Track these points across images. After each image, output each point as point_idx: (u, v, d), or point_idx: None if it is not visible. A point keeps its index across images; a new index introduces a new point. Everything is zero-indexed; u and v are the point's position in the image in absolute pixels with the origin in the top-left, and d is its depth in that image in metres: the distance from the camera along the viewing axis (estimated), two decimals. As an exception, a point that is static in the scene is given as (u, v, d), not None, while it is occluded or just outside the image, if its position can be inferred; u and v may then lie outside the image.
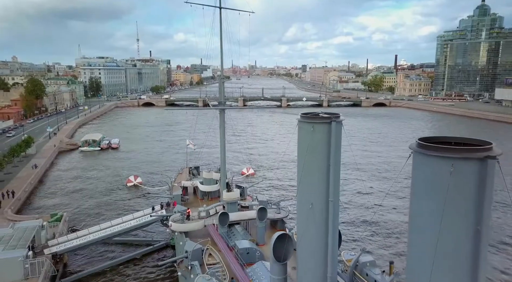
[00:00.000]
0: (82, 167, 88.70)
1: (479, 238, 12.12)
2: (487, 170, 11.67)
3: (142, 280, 41.04)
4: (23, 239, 41.06)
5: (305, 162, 20.95)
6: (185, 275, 32.90)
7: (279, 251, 23.79)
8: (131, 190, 70.70)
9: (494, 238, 47.96)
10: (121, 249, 47.62)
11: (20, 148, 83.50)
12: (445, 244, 12.35)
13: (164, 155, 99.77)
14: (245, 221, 40.69)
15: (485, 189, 11.79)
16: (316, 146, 20.47)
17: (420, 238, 13.46)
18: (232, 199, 40.49)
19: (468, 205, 12.00)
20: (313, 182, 20.92)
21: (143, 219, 45.11)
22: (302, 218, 21.84)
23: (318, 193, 20.88)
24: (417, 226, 13.70)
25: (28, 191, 66.48)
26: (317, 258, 21.50)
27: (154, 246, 47.14)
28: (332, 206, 20.94)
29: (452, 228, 12.24)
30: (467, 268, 12.33)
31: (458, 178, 11.86)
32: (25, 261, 37.29)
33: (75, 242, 42.69)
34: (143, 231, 50.73)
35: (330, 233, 21.14)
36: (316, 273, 21.38)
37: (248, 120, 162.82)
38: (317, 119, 20.57)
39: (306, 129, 20.69)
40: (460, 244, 12.29)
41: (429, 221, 12.83)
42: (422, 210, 13.19)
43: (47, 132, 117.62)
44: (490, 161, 11.63)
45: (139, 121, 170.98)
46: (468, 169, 11.80)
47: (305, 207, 21.41)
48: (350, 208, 59.96)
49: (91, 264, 43.81)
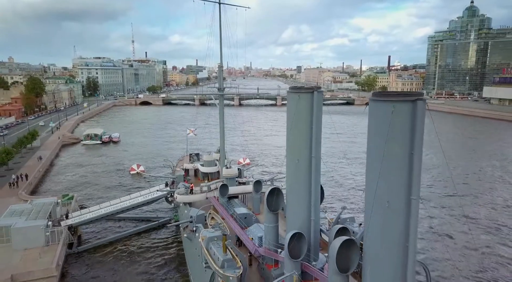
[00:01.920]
0: (86, 157, 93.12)
1: (412, 160, 16.83)
2: (417, 108, 16.42)
3: (148, 248, 45.49)
4: (42, 212, 45.55)
5: (292, 124, 25.77)
6: (190, 237, 37.45)
7: (271, 201, 28.54)
8: (135, 177, 75.02)
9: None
10: (129, 225, 52.04)
11: (27, 139, 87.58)
12: (387, 166, 17.07)
13: (164, 148, 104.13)
14: (242, 194, 45.27)
15: (416, 123, 16.50)
16: (302, 111, 25.30)
17: (372, 169, 18.12)
18: (231, 174, 45.12)
19: (405, 136, 16.71)
20: (299, 141, 25.71)
21: (149, 195, 49.61)
22: (290, 172, 26.61)
23: (303, 150, 25.68)
24: (370, 162, 18.35)
25: (37, 177, 70.70)
26: (302, 204, 26.25)
27: (159, 221, 51.66)
28: (314, 161, 25.74)
29: (393, 153, 16.96)
30: (404, 183, 17.03)
31: (397, 115, 16.60)
32: (46, 229, 41.72)
33: (88, 216, 47.17)
34: (148, 209, 55.33)
35: (313, 183, 25.92)
36: (302, 216, 26.12)
37: (244, 118, 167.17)
38: (302, 90, 25.41)
39: (293, 98, 25.51)
40: (398, 166, 16.98)
41: (377, 154, 17.54)
42: (373, 146, 17.91)
43: (50, 127, 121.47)
44: (419, 102, 16.39)
45: (137, 118, 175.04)
46: (404, 108, 16.54)
47: (293, 162, 26.21)
48: (336, 181, 66.49)
49: (102, 236, 48.20)
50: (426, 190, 64.71)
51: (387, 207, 17.39)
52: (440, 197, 62.52)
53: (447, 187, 66.59)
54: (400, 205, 17.20)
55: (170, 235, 49.04)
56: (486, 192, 65.85)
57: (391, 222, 17.51)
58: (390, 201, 17.31)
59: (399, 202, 17.18)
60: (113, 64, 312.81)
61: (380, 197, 17.50)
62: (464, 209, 55.33)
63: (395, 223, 17.39)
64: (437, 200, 60.86)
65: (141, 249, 45.26)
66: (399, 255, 17.56)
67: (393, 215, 17.37)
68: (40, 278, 36.32)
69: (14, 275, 35.49)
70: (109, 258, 42.89)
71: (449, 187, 66.02)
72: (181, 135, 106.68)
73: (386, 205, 17.38)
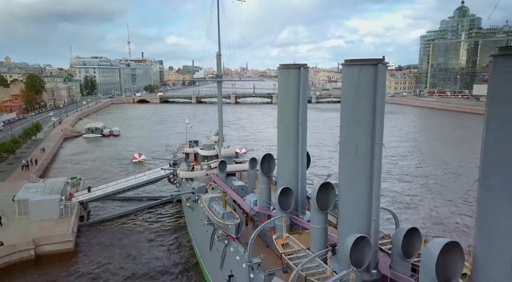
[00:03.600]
0: (88, 148, 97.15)
1: (375, 112, 21.17)
2: (378, 70, 20.75)
3: (152, 221, 49.65)
4: (55, 188, 49.55)
5: (282, 97, 30.17)
6: (192, 206, 41.68)
7: (264, 166, 32.89)
8: (137, 165, 79.07)
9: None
10: (134, 204, 56.07)
11: (31, 131, 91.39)
12: (355, 117, 21.38)
13: (162, 140, 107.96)
14: (239, 171, 49.45)
15: (377, 82, 20.83)
16: (290, 84, 29.66)
17: (344, 122, 22.39)
18: (229, 154, 49.33)
19: (369, 92, 21.01)
20: (288, 110, 30.04)
21: (153, 175, 53.77)
22: (281, 137, 30.93)
23: (292, 119, 30.04)
24: (343, 116, 22.60)
25: (44, 164, 74.58)
26: (291, 167, 30.57)
27: (162, 199, 55.75)
28: (301, 128, 30.11)
29: (360, 107, 21.27)
30: (369, 131, 21.33)
31: (363, 76, 20.92)
32: (60, 203, 45.75)
33: (97, 193, 51.34)
34: (151, 189, 59.46)
35: (300, 147, 30.26)
36: (290, 175, 30.44)
37: (240, 115, 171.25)
38: (290, 66, 29.76)
39: (283, 73, 29.91)
40: (364, 117, 21.29)
41: (348, 109, 21.84)
42: (345, 102, 22.21)
43: (52, 121, 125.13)
44: (380, 65, 20.74)
45: (136, 115, 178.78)
46: (368, 70, 20.86)
47: (282, 129, 30.54)
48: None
49: (110, 212, 52.25)
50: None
51: (355, 152, 21.70)
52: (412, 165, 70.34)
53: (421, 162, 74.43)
54: (366, 149, 21.52)
55: (173, 212, 53.13)
56: (444, 159, 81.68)
57: (359, 164, 21.81)
58: (358, 147, 21.63)
59: (365, 147, 21.50)
60: (111, 63, 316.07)
61: (350, 143, 21.82)
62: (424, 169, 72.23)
63: (362, 165, 21.70)
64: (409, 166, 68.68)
65: (146, 222, 49.40)
66: (366, 190, 21.85)
67: (360, 158, 21.68)
68: (58, 242, 40.45)
69: (35, 239, 39.56)
70: (117, 229, 47.05)
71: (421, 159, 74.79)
72: (179, 130, 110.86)
73: (355, 150, 21.69)
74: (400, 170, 73.04)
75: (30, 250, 38.86)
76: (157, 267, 37.69)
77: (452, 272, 16.61)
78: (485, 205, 13.79)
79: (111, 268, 37.39)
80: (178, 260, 39.40)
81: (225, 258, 29.79)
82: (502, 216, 12.88)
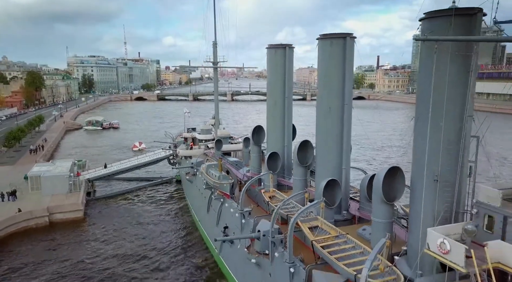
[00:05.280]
0: (90, 139, 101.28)
1: (345, 77, 25.55)
2: (347, 42, 25.14)
3: (153, 197, 53.91)
4: (64, 167, 53.58)
5: (270, 74, 34.61)
6: (191, 179, 45.95)
7: (254, 136, 37.34)
8: (137, 153, 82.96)
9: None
10: (136, 183, 60.20)
11: (35, 121, 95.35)
12: (329, 82, 25.76)
13: (161, 132, 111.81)
14: (234, 151, 53.72)
15: (346, 52, 25.22)
16: (277, 63, 34.11)
17: (320, 87, 26.79)
18: (224, 134, 53.63)
19: (339, 61, 25.40)
20: (276, 86, 34.46)
21: (154, 155, 58.01)
22: (269, 110, 35.37)
23: (279, 93, 34.47)
24: (320, 82, 27.01)
25: (50, 151, 78.56)
26: (278, 136, 35.00)
27: (163, 179, 59.95)
28: (287, 101, 34.52)
29: (332, 73, 25.64)
30: (340, 93, 25.70)
31: (334, 48, 25.32)
32: (69, 179, 49.84)
33: (103, 171, 55.48)
34: (153, 171, 63.63)
35: (286, 118, 34.69)
36: (277, 142, 34.90)
37: (236, 111, 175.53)
38: (277, 46, 34.19)
39: (270, 52, 34.36)
40: (336, 81, 25.66)
41: (322, 76, 26.23)
42: (320, 71, 26.59)
43: (53, 115, 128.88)
44: (348, 38, 25.14)
45: (134, 111, 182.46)
46: (339, 43, 25.23)
47: (271, 103, 34.95)
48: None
49: (114, 190, 56.40)
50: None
51: (329, 111, 26.07)
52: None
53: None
54: (338, 109, 25.92)
55: (172, 190, 57.31)
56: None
57: (332, 121, 26.17)
58: (331, 107, 26.02)
59: (337, 106, 25.89)
60: (108, 62, 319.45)
61: (324, 104, 26.21)
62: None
63: (335, 121, 26.08)
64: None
65: (148, 198, 53.69)
66: (338, 143, 26.24)
67: (333, 116, 26.06)
68: (69, 211, 44.61)
69: (49, 207, 43.75)
70: (122, 202, 51.35)
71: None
72: (176, 124, 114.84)
73: (328, 109, 26.06)
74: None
75: (44, 217, 43.02)
76: (159, 231, 41.92)
77: (396, 191, 20.93)
78: (416, 137, 18.25)
79: (118, 233, 41.55)
80: (178, 227, 43.66)
81: (221, 215, 34.05)
82: (423, 142, 17.35)
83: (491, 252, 13.65)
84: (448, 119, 16.69)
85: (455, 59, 16.24)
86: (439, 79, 16.64)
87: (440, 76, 16.56)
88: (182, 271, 33.58)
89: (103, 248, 37.88)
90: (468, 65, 16.51)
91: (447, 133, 16.70)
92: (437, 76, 16.56)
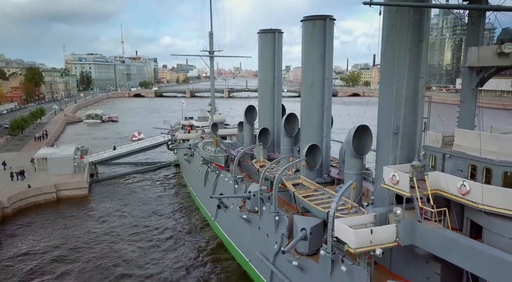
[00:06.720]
0: (90, 130, 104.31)
1: (325, 55, 28.84)
2: (327, 24, 28.45)
3: (153, 177, 57.14)
4: (68, 150, 56.64)
5: (261, 56, 37.88)
6: (189, 159, 49.20)
7: (246, 115, 40.62)
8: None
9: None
10: (137, 166, 63.31)
11: (37, 113, 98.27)
12: (311, 59, 29.05)
13: (159, 124, 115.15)
14: (229, 135, 56.93)
15: (326, 33, 28.53)
16: (268, 47, 37.43)
17: (305, 64, 30.05)
18: (220, 119, 56.82)
19: (320, 41, 28.69)
20: (266, 68, 37.74)
21: (154, 140, 61.20)
22: (261, 90, 38.67)
23: (269, 74, 37.76)
24: (303, 61, 30.24)
25: (52, 139, 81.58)
26: (269, 113, 38.28)
27: (162, 163, 63.15)
28: (276, 81, 37.84)
29: (314, 52, 28.93)
30: (321, 69, 29.00)
31: (316, 29, 28.62)
32: (74, 160, 52.94)
33: (105, 155, 58.63)
34: (152, 156, 66.75)
35: (276, 97, 37.99)
36: (269, 120, 38.17)
37: (232, 107, 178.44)
38: (267, 30, 37.45)
39: (261, 37, 37.67)
40: (318, 59, 28.94)
41: (306, 54, 29.50)
42: (304, 50, 29.84)
43: (53, 109, 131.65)
44: (328, 19, 28.45)
45: (132, 107, 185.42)
46: (320, 24, 28.54)
47: (262, 83, 38.27)
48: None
49: (116, 172, 59.55)
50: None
51: (311, 86, 29.40)
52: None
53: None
54: (319, 84, 29.23)
55: (170, 173, 60.53)
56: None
57: (314, 96, 29.49)
58: (313, 82, 29.33)
59: (318, 82, 29.21)
60: (106, 60, 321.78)
61: (308, 80, 29.53)
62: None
63: (316, 95, 29.40)
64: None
65: (148, 180, 56.79)
66: (319, 113, 29.55)
67: (315, 90, 29.38)
68: (75, 188, 47.78)
69: (56, 184, 46.91)
70: (123, 182, 54.66)
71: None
72: (174, 118, 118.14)
73: (311, 84, 29.38)
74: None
75: (52, 193, 46.18)
76: (160, 205, 45.16)
77: (365, 147, 24.45)
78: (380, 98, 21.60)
79: (120, 207, 44.75)
80: (177, 201, 46.94)
81: (217, 185, 37.30)
82: (385, 101, 20.76)
83: (430, 181, 16.96)
84: (403, 81, 20.05)
85: (406, 29, 19.34)
86: (398, 46, 19.90)
87: (397, 44, 19.84)
88: (181, 235, 36.84)
89: (108, 219, 41.05)
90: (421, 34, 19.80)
91: (404, 93, 20.06)
92: (393, 43, 19.83)
